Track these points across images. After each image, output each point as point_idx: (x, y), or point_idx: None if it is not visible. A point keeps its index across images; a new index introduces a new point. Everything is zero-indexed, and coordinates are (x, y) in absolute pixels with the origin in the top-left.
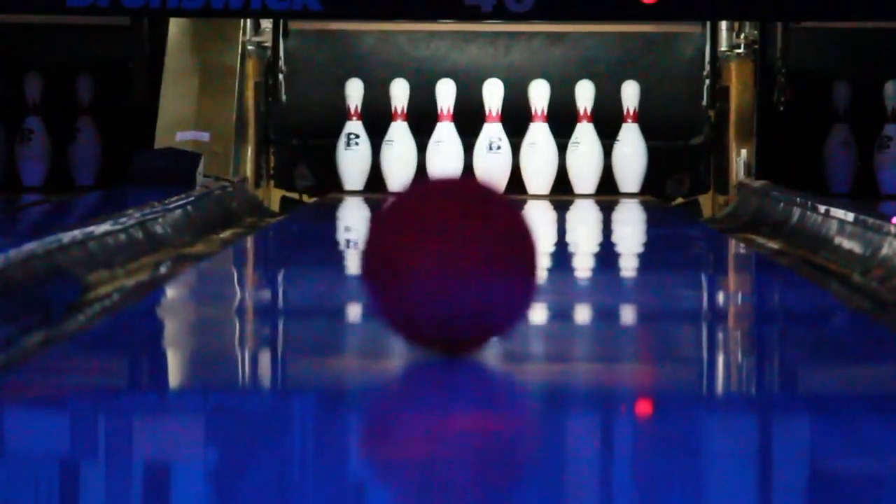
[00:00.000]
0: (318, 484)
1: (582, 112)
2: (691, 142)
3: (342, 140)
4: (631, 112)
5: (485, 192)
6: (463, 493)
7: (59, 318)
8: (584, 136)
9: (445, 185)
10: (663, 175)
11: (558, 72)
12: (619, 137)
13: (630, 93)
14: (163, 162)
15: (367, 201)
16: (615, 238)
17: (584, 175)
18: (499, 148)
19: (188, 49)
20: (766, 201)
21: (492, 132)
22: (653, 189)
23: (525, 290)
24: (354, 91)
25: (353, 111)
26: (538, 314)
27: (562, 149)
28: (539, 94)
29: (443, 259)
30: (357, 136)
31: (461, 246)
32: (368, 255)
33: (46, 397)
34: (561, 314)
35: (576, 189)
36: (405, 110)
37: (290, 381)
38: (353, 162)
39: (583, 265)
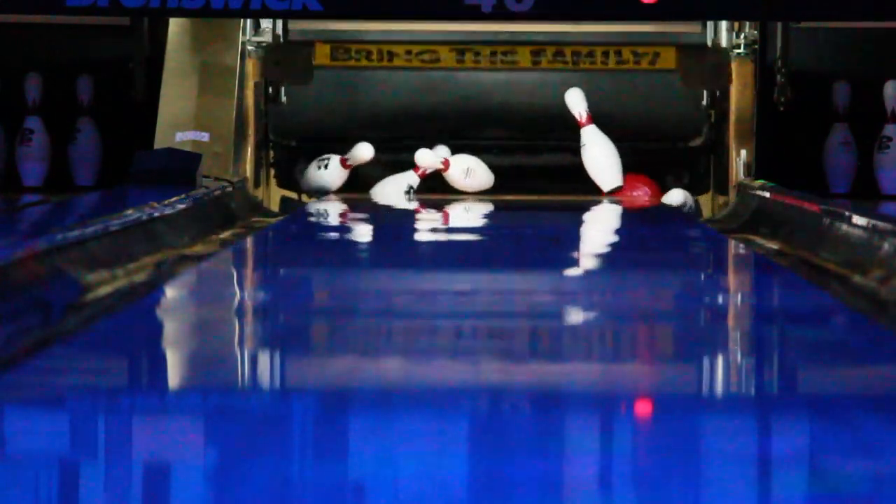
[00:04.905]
0: (317, 484)
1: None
2: (691, 142)
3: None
4: (584, 117)
5: None
6: (462, 494)
7: (59, 318)
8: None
9: None
10: (663, 175)
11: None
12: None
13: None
14: (163, 162)
15: (367, 202)
16: (615, 238)
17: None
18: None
19: (188, 49)
20: (765, 201)
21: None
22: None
23: None
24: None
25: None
26: (538, 314)
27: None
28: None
29: None
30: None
31: None
32: None
33: (46, 397)
34: (560, 314)
35: (575, 190)
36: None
37: (290, 381)
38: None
39: (582, 265)
